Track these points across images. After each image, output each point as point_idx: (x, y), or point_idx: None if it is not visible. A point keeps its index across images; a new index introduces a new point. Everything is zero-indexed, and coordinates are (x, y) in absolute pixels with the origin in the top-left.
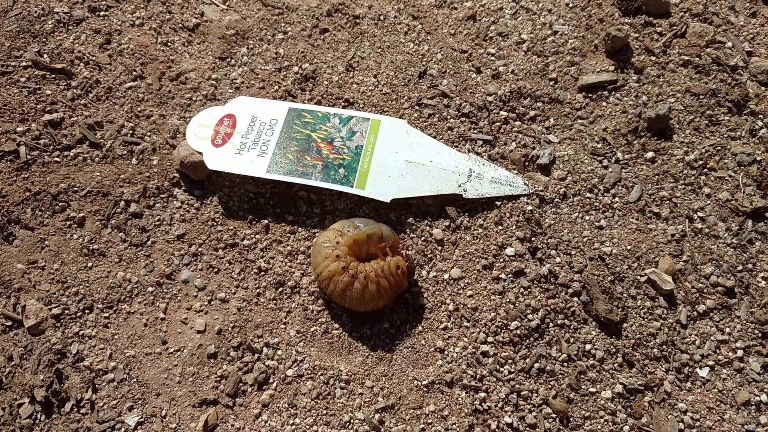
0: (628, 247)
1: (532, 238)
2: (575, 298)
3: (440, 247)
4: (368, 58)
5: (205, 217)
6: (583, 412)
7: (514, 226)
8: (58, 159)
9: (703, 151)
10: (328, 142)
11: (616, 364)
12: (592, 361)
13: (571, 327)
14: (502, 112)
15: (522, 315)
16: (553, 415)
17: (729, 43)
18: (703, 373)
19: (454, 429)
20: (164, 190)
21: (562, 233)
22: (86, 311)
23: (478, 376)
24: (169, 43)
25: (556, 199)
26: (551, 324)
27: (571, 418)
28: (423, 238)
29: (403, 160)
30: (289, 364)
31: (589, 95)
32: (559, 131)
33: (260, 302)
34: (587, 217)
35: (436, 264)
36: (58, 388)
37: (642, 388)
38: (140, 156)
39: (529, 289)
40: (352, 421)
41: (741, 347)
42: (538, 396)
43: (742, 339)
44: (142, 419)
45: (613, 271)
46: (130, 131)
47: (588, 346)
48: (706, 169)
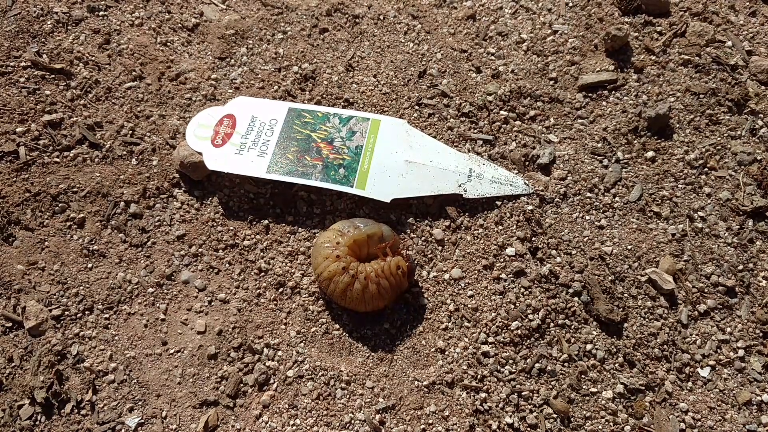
0: (629, 247)
1: (533, 238)
2: (576, 298)
3: (440, 247)
4: (368, 57)
5: (205, 218)
6: (584, 413)
7: (515, 226)
8: (58, 159)
9: (704, 150)
10: (327, 142)
11: (617, 364)
12: (593, 361)
13: (572, 327)
14: (502, 112)
15: (523, 315)
16: (554, 416)
17: (729, 42)
18: (704, 372)
19: (455, 429)
20: (164, 191)
21: (563, 233)
22: (86, 312)
23: (479, 377)
24: (169, 43)
25: (557, 199)
26: (552, 324)
27: (572, 419)
28: (423, 238)
29: (403, 160)
30: (289, 365)
31: (589, 95)
32: (559, 131)
33: (260, 303)
34: (588, 217)
35: (437, 264)
36: (58, 389)
37: (643, 388)
38: (140, 156)
39: (530, 289)
40: (352, 421)
41: (742, 347)
42: (539, 396)
43: (743, 339)
44: (143, 420)
45: (614, 271)
46: (130, 131)
47: (589, 346)
48: (707, 169)
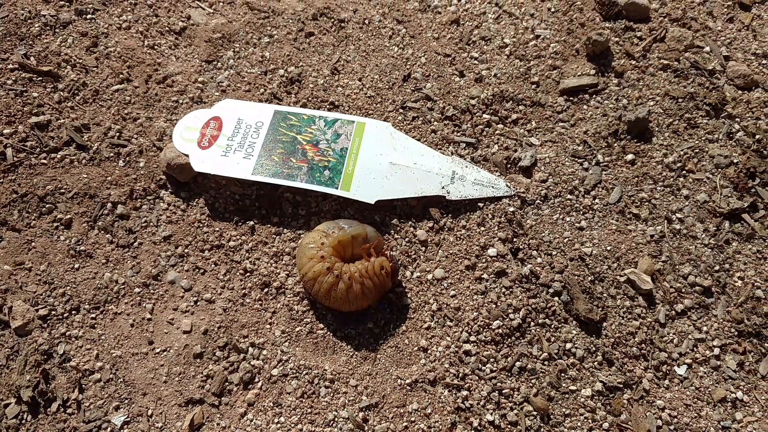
0: (608, 248)
1: (514, 239)
2: (556, 298)
3: (424, 248)
4: (353, 61)
5: (191, 219)
6: (564, 410)
7: (497, 227)
8: (45, 161)
9: (682, 153)
10: (313, 145)
11: (596, 363)
12: (573, 359)
13: (552, 326)
14: (484, 115)
15: (504, 314)
16: (534, 413)
17: (707, 48)
18: (681, 371)
19: (437, 427)
20: (151, 192)
21: (543, 234)
22: (73, 312)
23: (461, 375)
24: (156, 46)
25: (538, 201)
26: (532, 323)
27: (552, 416)
28: (407, 239)
29: (387, 162)
30: (274, 364)
31: (571, 98)
32: (540, 134)
33: (246, 303)
34: (568, 219)
35: (420, 264)
36: (44, 388)
37: (621, 386)
38: (127, 158)
39: (511, 289)
40: (336, 419)
41: (718, 345)
42: (520, 394)
43: (719, 337)
44: (129, 419)
45: (593, 271)
46: (117, 133)
47: (569, 345)
48: (685, 171)
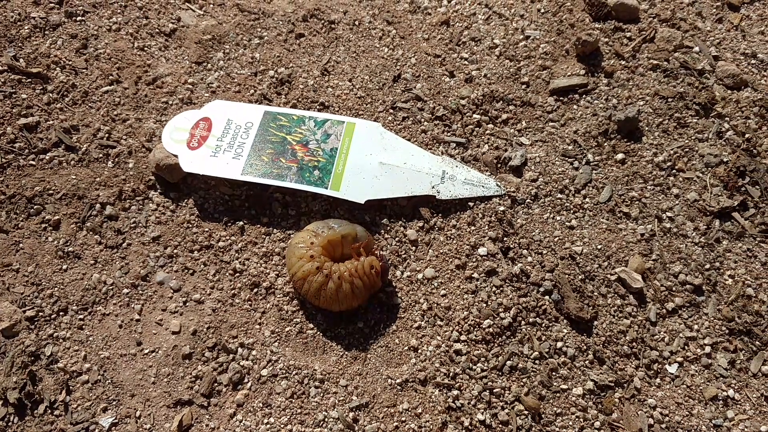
0: (599, 247)
1: (504, 238)
2: (547, 297)
3: (414, 248)
4: (343, 62)
5: (180, 219)
6: (555, 409)
7: (487, 227)
8: (34, 162)
9: (672, 152)
10: (303, 145)
11: (587, 361)
12: (564, 358)
13: (543, 325)
14: (475, 115)
15: (494, 313)
16: (525, 412)
17: (696, 48)
18: (672, 369)
19: (428, 427)
20: (140, 193)
21: (534, 233)
22: (61, 313)
23: (451, 374)
24: (146, 48)
25: (528, 200)
26: (523, 322)
27: (543, 415)
28: (397, 239)
29: (377, 162)
30: (263, 364)
31: (561, 98)
32: (530, 134)
33: (235, 303)
34: (558, 218)
35: (410, 264)
36: (31, 390)
37: (612, 385)
38: (116, 159)
39: (502, 288)
40: (326, 419)
41: (709, 344)
42: (511, 393)
43: (710, 336)
44: (117, 420)
45: (584, 270)
46: (106, 135)
47: (559, 344)
48: (675, 170)
